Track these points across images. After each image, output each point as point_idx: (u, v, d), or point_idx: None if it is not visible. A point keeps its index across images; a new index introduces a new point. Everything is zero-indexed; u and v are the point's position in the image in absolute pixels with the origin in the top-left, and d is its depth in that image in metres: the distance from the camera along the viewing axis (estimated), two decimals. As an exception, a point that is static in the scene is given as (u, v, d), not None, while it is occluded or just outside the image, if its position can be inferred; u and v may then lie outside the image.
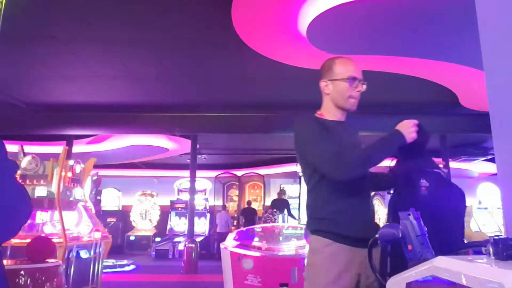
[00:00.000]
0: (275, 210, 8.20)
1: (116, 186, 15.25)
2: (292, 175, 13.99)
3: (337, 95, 1.86)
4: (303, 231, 5.08)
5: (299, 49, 5.53)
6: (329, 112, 1.89)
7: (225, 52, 5.94)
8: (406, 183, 1.66)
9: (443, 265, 0.80)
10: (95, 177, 11.29)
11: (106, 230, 6.44)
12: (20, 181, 5.02)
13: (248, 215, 11.71)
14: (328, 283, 1.61)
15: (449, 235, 1.50)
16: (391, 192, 1.79)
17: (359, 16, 4.68)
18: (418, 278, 0.90)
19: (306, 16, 4.76)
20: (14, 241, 4.09)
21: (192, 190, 10.06)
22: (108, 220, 13.71)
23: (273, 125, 8.91)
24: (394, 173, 1.78)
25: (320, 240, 1.69)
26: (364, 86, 1.86)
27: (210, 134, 10.09)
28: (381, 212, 7.39)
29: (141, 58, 6.29)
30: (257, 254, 4.43)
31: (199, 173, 10.76)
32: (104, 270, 6.08)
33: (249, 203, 12.67)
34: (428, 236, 1.28)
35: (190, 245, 9.07)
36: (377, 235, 1.39)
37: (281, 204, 9.01)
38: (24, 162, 5.31)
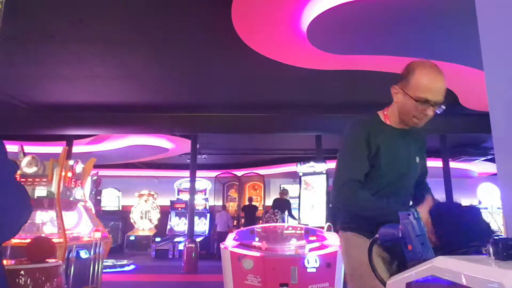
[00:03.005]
0: (276, 210, 8.19)
1: (116, 186, 15.24)
2: (292, 175, 13.98)
3: (402, 109, 1.70)
4: (303, 231, 5.08)
5: (299, 49, 5.52)
6: (393, 117, 1.78)
7: (225, 52, 5.94)
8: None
9: (443, 265, 0.80)
10: (95, 177, 11.28)
11: (107, 230, 6.44)
12: (20, 181, 5.02)
13: (249, 212, 11.71)
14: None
15: None
16: None
17: (359, 16, 4.68)
18: (418, 278, 0.90)
19: (306, 16, 4.77)
20: (14, 241, 4.10)
21: (192, 190, 10.06)
22: (108, 220, 13.73)
23: (273, 125, 8.91)
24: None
25: (359, 237, 1.74)
26: (434, 110, 1.64)
27: (210, 134, 10.09)
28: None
29: (141, 58, 6.29)
30: (257, 254, 4.43)
31: (199, 173, 10.76)
32: (104, 270, 6.08)
33: (250, 199, 12.67)
34: None
35: (190, 245, 9.07)
36: (377, 235, 1.39)
37: (282, 204, 9.00)
38: (24, 162, 5.30)
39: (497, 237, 0.83)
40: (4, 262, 3.29)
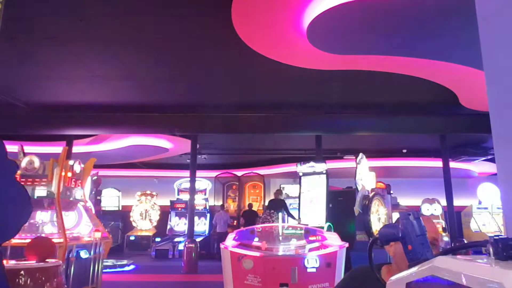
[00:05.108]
0: (272, 211, 8.18)
1: (116, 186, 15.24)
2: (292, 175, 13.98)
3: (402, 260, 1.37)
4: (303, 231, 5.08)
5: (299, 49, 5.52)
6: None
7: (225, 52, 5.94)
8: None
9: (443, 265, 0.80)
10: (95, 177, 11.28)
11: (107, 230, 6.44)
12: (20, 181, 5.02)
13: (249, 218, 11.65)
14: None
15: None
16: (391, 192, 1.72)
17: (359, 16, 4.68)
18: (418, 278, 0.89)
19: (306, 16, 4.77)
20: (14, 241, 4.09)
21: (192, 190, 10.06)
22: (108, 220, 13.73)
23: (273, 125, 8.91)
24: None
25: None
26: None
27: (210, 134, 10.09)
28: (381, 212, 7.39)
29: (141, 58, 6.29)
30: (257, 254, 4.43)
31: (199, 173, 10.76)
32: (104, 270, 6.08)
33: (250, 205, 12.67)
34: None
35: (190, 245, 9.08)
36: (377, 235, 1.39)
37: (277, 205, 8.98)
38: (24, 162, 5.30)
39: (497, 237, 0.83)
40: (4, 262, 3.28)
